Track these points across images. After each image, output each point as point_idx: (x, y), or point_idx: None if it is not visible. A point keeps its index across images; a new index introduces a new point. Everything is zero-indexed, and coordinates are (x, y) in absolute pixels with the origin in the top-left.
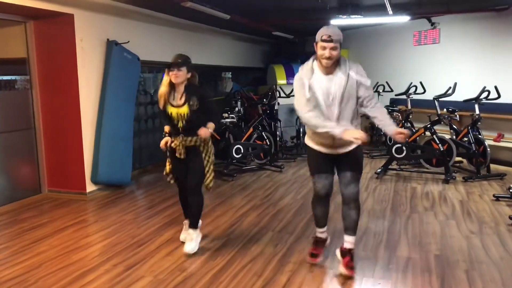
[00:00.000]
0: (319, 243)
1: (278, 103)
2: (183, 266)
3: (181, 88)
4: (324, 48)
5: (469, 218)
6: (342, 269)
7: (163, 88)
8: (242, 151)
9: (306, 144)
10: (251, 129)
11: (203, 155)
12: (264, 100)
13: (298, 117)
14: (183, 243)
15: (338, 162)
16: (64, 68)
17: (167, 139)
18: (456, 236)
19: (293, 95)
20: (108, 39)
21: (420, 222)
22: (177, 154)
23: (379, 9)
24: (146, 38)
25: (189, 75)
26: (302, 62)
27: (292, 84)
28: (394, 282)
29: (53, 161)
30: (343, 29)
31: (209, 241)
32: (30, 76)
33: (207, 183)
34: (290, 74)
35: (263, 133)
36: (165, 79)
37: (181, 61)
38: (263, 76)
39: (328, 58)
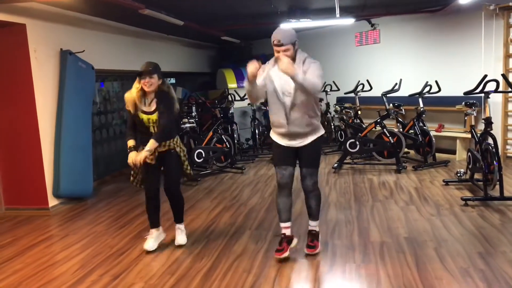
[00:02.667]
0: (283, 239)
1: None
2: (171, 270)
3: (152, 95)
4: (277, 51)
5: (426, 203)
6: (305, 249)
7: (132, 94)
8: (203, 155)
9: (271, 138)
10: (211, 133)
11: (180, 154)
12: (221, 104)
13: (252, 120)
14: (148, 252)
15: (299, 155)
16: (18, 79)
17: (132, 156)
18: (418, 219)
19: (246, 98)
20: (61, 49)
21: (384, 209)
22: (148, 160)
23: (326, 12)
24: (97, 46)
25: (160, 82)
26: None
27: (242, 87)
28: (375, 265)
29: (10, 177)
30: None
31: (190, 244)
32: None
33: (188, 172)
34: (240, 78)
35: (222, 136)
36: (135, 86)
37: (152, 68)
38: (211, 80)
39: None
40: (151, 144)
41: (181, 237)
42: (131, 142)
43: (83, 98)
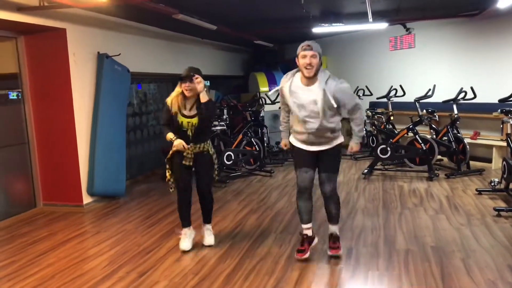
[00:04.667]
0: (304, 240)
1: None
2: (195, 269)
3: (193, 100)
4: (304, 56)
5: (456, 212)
6: (328, 251)
7: (174, 98)
8: (233, 158)
9: (291, 143)
10: (240, 136)
11: (213, 156)
12: (252, 107)
13: None
14: (183, 252)
15: (319, 159)
16: (58, 82)
17: (180, 141)
18: (447, 228)
19: (278, 101)
20: (98, 52)
21: (412, 217)
22: (185, 163)
23: (359, 16)
24: (133, 49)
25: None
26: (283, 70)
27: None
28: (398, 273)
29: (48, 174)
30: (322, 36)
31: (215, 245)
32: (22, 91)
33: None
34: (272, 82)
35: (252, 139)
36: (177, 90)
37: (193, 74)
38: (243, 84)
39: (309, 64)
40: (205, 95)
41: (210, 238)
42: (171, 134)
43: (118, 99)
